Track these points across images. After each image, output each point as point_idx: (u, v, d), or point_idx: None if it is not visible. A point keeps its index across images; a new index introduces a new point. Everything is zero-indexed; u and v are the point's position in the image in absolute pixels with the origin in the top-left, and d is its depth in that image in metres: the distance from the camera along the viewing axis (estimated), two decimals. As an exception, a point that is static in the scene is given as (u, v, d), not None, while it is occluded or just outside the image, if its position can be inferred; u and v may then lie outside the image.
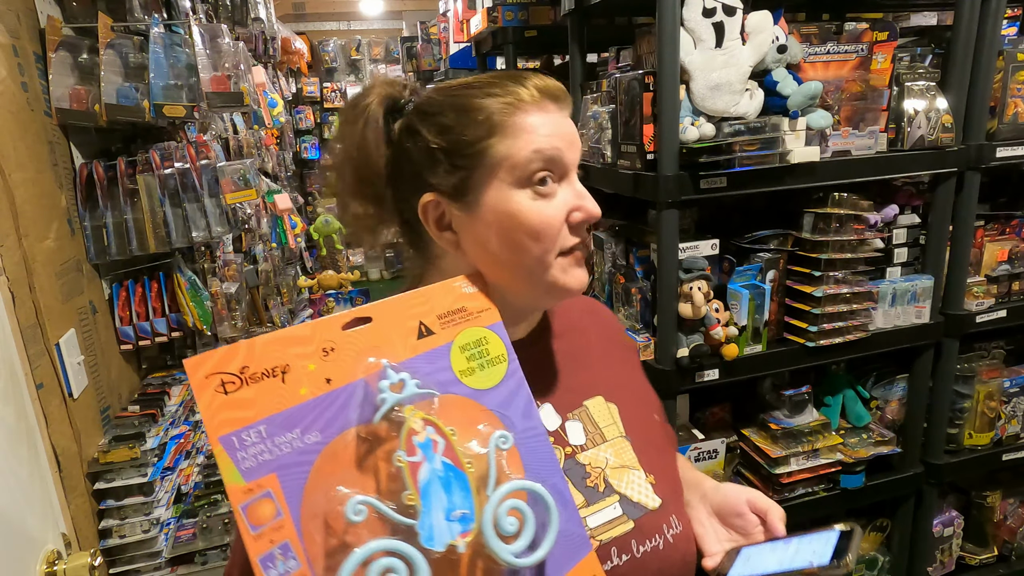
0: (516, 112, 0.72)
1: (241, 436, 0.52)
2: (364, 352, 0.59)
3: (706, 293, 1.47)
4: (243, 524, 0.51)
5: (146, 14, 1.79)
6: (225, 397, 0.53)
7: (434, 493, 0.57)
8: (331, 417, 0.56)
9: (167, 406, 1.73)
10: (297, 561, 0.52)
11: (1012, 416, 1.87)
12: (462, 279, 0.68)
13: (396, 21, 7.30)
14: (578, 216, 0.73)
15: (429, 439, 0.58)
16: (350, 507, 0.52)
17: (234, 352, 0.54)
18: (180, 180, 1.80)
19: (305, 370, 0.56)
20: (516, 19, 2.51)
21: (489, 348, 0.66)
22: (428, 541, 0.55)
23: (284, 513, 0.52)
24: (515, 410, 0.65)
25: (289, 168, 5.49)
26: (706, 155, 1.38)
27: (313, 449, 0.55)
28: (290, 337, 0.57)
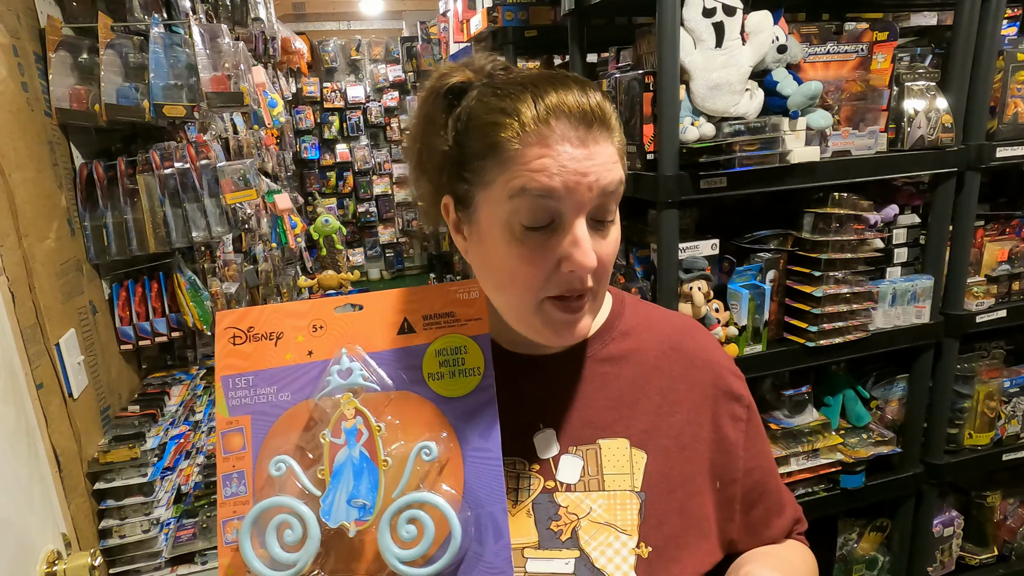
0: (513, 136, 0.63)
1: (236, 380, 0.65)
2: (347, 336, 0.66)
3: (706, 293, 1.47)
4: (219, 447, 0.64)
5: (146, 14, 1.79)
6: (233, 347, 0.66)
7: (344, 476, 0.62)
8: (303, 384, 0.65)
9: (167, 406, 1.73)
10: (246, 488, 0.64)
11: (1012, 416, 1.87)
12: (461, 284, 0.69)
13: (396, 21, 7.30)
14: (565, 267, 0.64)
15: (355, 428, 0.63)
16: (272, 463, 0.61)
17: (247, 313, 0.66)
18: (180, 180, 1.80)
19: (294, 340, 0.66)
20: (516, 19, 2.51)
21: (466, 358, 0.67)
22: (325, 515, 0.61)
23: (247, 448, 0.64)
24: (473, 427, 0.65)
25: (289, 168, 5.49)
26: (706, 155, 1.38)
27: (282, 405, 0.65)
28: (291, 310, 0.67)
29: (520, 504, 0.72)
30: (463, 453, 0.64)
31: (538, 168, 0.62)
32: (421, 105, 0.75)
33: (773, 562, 0.75)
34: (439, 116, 0.72)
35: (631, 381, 0.77)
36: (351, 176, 7.24)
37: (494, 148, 0.64)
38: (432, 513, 0.61)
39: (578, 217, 0.64)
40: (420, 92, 0.76)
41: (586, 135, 0.64)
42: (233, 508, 0.63)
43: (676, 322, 0.83)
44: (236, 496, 0.63)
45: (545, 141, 0.63)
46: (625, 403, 0.76)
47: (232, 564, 0.63)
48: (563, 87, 0.64)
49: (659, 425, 0.75)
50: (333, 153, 7.18)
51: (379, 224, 7.46)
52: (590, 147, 0.64)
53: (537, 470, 0.73)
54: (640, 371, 0.77)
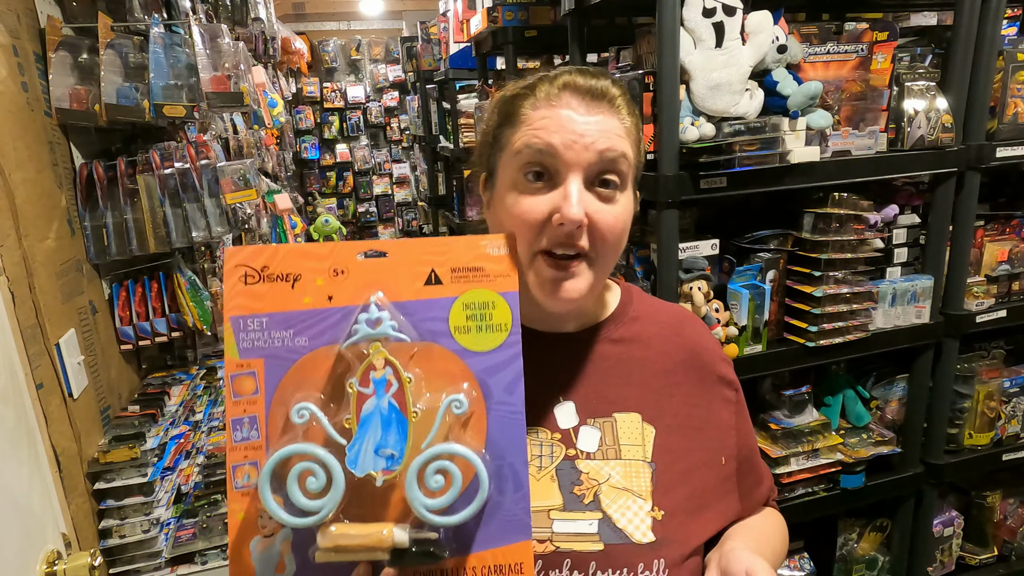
0: (526, 104, 0.73)
1: (247, 321, 0.62)
2: (370, 283, 0.64)
3: (706, 293, 1.47)
4: (228, 390, 0.62)
5: (146, 14, 1.79)
6: (244, 287, 0.63)
7: (371, 426, 0.62)
8: (322, 330, 0.63)
9: (167, 406, 1.73)
10: (258, 434, 0.62)
11: (1012, 416, 1.87)
12: (491, 238, 0.67)
13: (396, 21, 7.30)
14: (555, 219, 0.70)
15: (384, 378, 0.62)
16: (295, 409, 0.60)
17: (261, 251, 0.63)
18: (180, 180, 1.80)
19: (313, 283, 0.63)
20: (516, 19, 2.51)
21: (494, 313, 0.65)
22: (351, 464, 0.61)
23: (260, 392, 0.62)
24: (499, 381, 0.65)
25: (289, 168, 5.49)
26: (706, 155, 1.38)
27: (299, 350, 0.63)
28: (310, 252, 0.64)
29: (544, 470, 0.78)
30: (487, 406, 0.64)
31: (541, 127, 0.71)
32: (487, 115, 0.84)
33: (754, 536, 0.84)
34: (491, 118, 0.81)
35: (640, 362, 0.84)
36: (351, 176, 7.24)
37: (512, 116, 0.74)
38: (460, 464, 0.61)
39: (572, 174, 0.71)
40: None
41: (590, 106, 0.72)
42: (244, 453, 0.62)
43: (676, 312, 0.92)
44: (247, 441, 0.62)
45: (552, 107, 0.72)
46: (635, 381, 0.82)
47: (244, 510, 0.62)
48: (579, 72, 0.74)
49: (664, 404, 0.82)
50: (333, 153, 7.18)
51: (379, 224, 7.46)
52: (593, 116, 0.72)
53: (559, 439, 0.79)
54: (648, 354, 0.84)
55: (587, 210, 0.71)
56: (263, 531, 0.63)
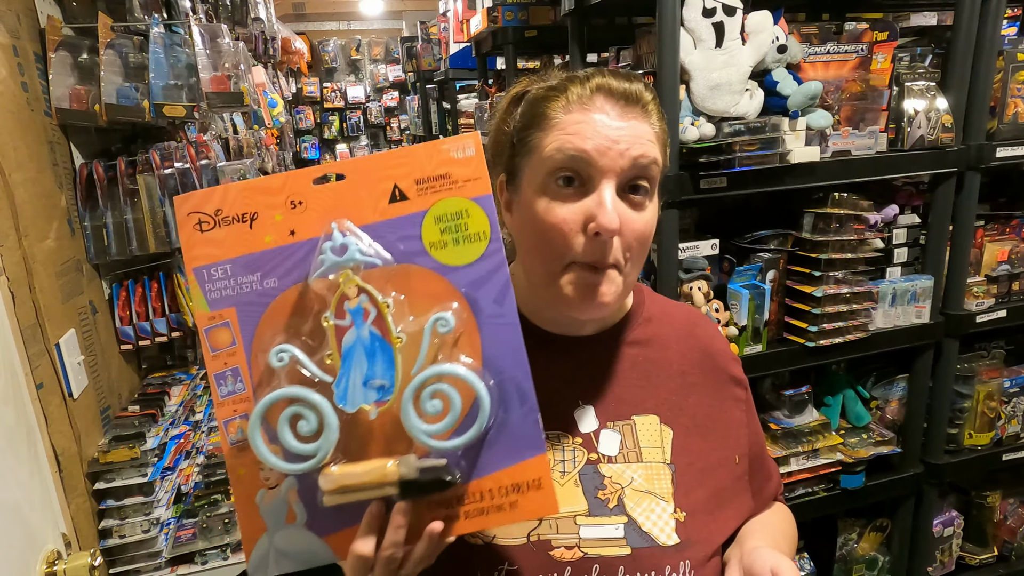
0: (558, 107, 0.71)
1: (210, 270, 0.60)
2: (331, 210, 0.60)
3: (706, 293, 1.47)
4: (204, 345, 0.60)
5: (146, 14, 1.79)
6: (200, 235, 0.60)
7: (356, 359, 0.59)
8: (290, 267, 0.60)
9: (167, 406, 1.73)
10: (243, 385, 0.61)
11: (1012, 416, 1.87)
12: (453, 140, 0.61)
13: (396, 21, 7.30)
14: (591, 227, 0.68)
15: (360, 307, 0.59)
16: (272, 353, 0.58)
17: (211, 194, 0.60)
18: (180, 180, 1.80)
19: (272, 220, 0.60)
20: (516, 19, 2.51)
21: (469, 222, 0.61)
22: (341, 400, 0.58)
23: (238, 343, 0.60)
24: (486, 293, 0.61)
25: (289, 168, 5.49)
26: (706, 155, 1.38)
27: (270, 293, 0.60)
28: (261, 187, 0.60)
29: (568, 475, 0.77)
30: (478, 321, 0.61)
31: (574, 132, 0.69)
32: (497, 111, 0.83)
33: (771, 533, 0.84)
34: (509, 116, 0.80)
35: (656, 363, 0.84)
36: (351, 176, 7.23)
37: (541, 118, 0.72)
38: (456, 384, 0.58)
39: (606, 180, 0.69)
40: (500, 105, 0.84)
41: (623, 111, 0.71)
42: (233, 407, 0.60)
43: (687, 312, 0.92)
44: (234, 394, 0.60)
45: (585, 110, 0.70)
46: (652, 383, 0.82)
47: (242, 464, 0.61)
48: (612, 75, 0.73)
49: (681, 404, 0.82)
50: (333, 153, 7.18)
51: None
52: (626, 121, 0.70)
53: (580, 443, 0.78)
54: (664, 354, 0.84)
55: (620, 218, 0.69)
56: (267, 483, 0.61)
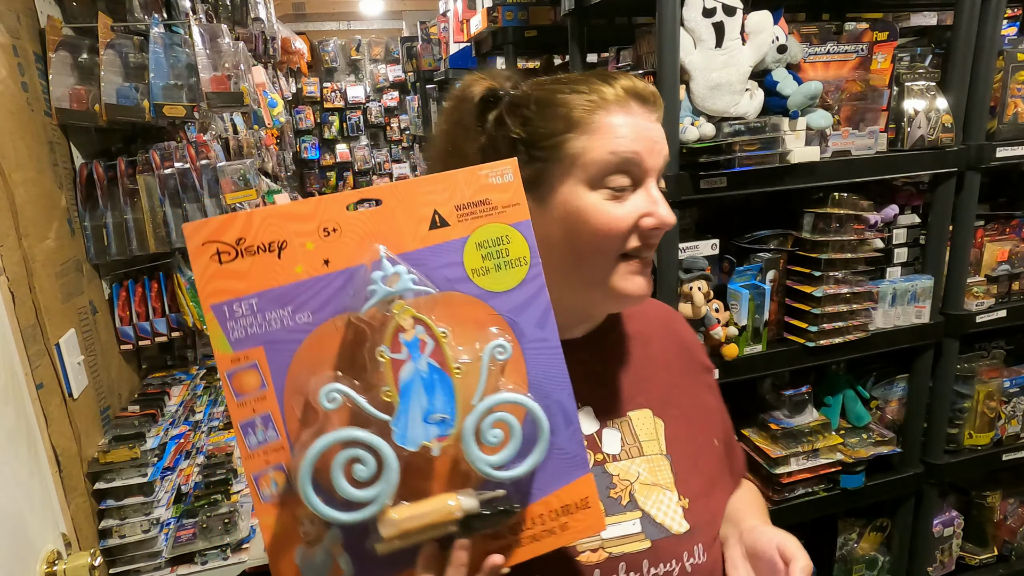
0: (597, 110, 0.72)
1: (232, 307, 0.54)
2: (368, 237, 0.56)
3: (706, 293, 1.47)
4: (228, 391, 0.54)
5: (146, 14, 1.79)
6: (219, 266, 0.53)
7: (414, 393, 0.56)
8: (325, 299, 0.56)
9: (167, 406, 1.73)
10: (276, 433, 0.54)
11: (1012, 416, 1.87)
12: (492, 166, 0.61)
13: (396, 21, 7.30)
14: (649, 222, 0.73)
15: (417, 338, 0.57)
16: (323, 394, 0.53)
17: (231, 221, 0.54)
18: (180, 180, 1.79)
19: (303, 248, 0.55)
20: (516, 19, 2.51)
21: (510, 248, 0.60)
22: (401, 439, 0.55)
23: (268, 386, 0.54)
24: (528, 318, 0.61)
25: (289, 168, 5.49)
26: (706, 155, 1.38)
27: (303, 329, 0.55)
28: (290, 213, 0.55)
29: None
30: (522, 347, 0.61)
31: (624, 135, 0.72)
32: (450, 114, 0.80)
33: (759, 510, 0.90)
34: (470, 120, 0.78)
35: (642, 358, 0.86)
36: (351, 176, 7.24)
37: (578, 123, 0.72)
38: (516, 412, 0.58)
39: (650, 178, 0.74)
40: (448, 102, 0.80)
41: (650, 112, 0.75)
42: (264, 458, 0.54)
43: (661, 307, 0.96)
44: (265, 444, 0.54)
45: (627, 113, 0.73)
46: (641, 378, 0.85)
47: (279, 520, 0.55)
48: (624, 76, 0.75)
49: (668, 396, 0.86)
50: (333, 153, 7.18)
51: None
52: (653, 122, 0.75)
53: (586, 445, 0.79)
54: (647, 350, 0.87)
55: None
56: (306, 538, 0.56)
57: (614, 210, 0.72)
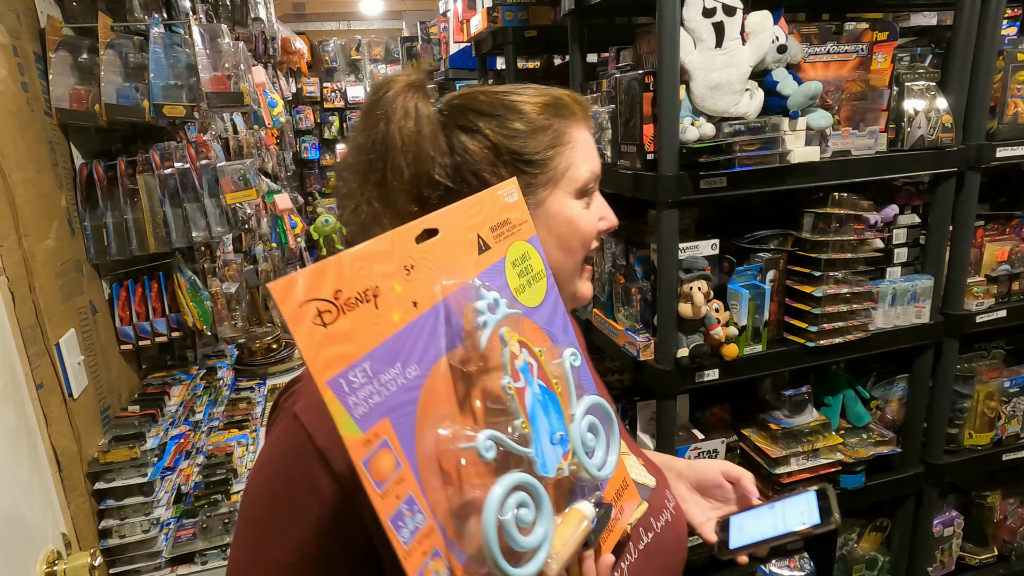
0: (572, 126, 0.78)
1: (348, 377, 0.44)
2: (439, 270, 0.53)
3: (706, 293, 1.47)
4: (368, 483, 0.44)
5: (146, 14, 1.79)
6: (324, 330, 0.44)
7: (539, 418, 0.55)
8: (424, 346, 0.50)
9: (167, 406, 1.73)
10: (423, 515, 0.47)
11: (1012, 416, 1.87)
12: (503, 186, 0.61)
13: (396, 21, 7.30)
14: (604, 225, 0.81)
15: (527, 362, 0.55)
16: (481, 445, 0.48)
17: (323, 272, 0.44)
18: (180, 180, 1.80)
19: (393, 292, 0.49)
20: (516, 19, 2.50)
21: (532, 264, 0.63)
22: (543, 469, 0.53)
23: (403, 463, 0.47)
24: (557, 327, 0.63)
25: (289, 168, 5.49)
26: (706, 155, 1.38)
27: (415, 384, 0.49)
28: (373, 253, 0.48)
29: None
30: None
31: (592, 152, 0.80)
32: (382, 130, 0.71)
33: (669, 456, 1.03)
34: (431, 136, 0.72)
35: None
36: (351, 176, 7.23)
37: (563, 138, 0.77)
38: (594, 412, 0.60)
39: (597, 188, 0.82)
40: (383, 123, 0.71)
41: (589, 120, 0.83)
42: (421, 549, 0.46)
43: None
44: (417, 532, 0.46)
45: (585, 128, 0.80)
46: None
47: None
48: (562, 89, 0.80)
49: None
50: (333, 153, 7.17)
51: (379, 224, 7.45)
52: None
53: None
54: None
55: None
56: None
57: (590, 216, 0.79)
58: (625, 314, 1.68)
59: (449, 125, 0.75)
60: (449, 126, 0.75)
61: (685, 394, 1.70)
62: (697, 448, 1.64)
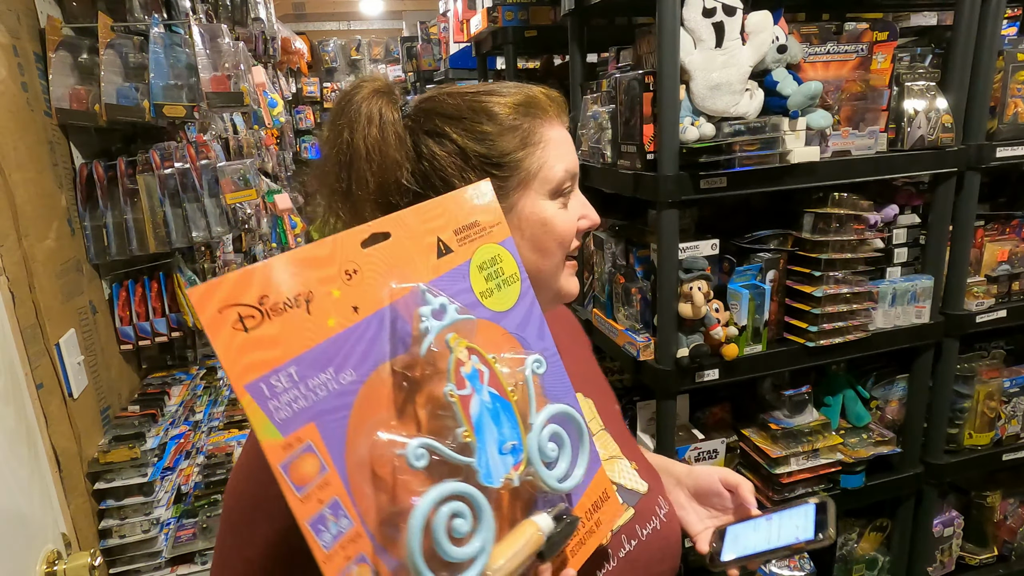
0: (544, 125, 0.76)
1: (270, 382, 0.44)
2: (387, 274, 0.52)
3: (706, 293, 1.47)
4: (287, 486, 0.44)
5: (146, 14, 1.79)
6: (246, 335, 0.44)
7: (486, 427, 0.53)
8: (364, 351, 0.49)
9: (167, 406, 1.73)
10: (349, 519, 0.47)
11: (1012, 416, 1.87)
12: (471, 188, 0.60)
13: (396, 21, 7.30)
14: (584, 224, 0.79)
15: (475, 369, 0.54)
16: (411, 452, 0.47)
17: (247, 278, 0.44)
18: (180, 180, 1.80)
19: (330, 297, 0.48)
20: (516, 19, 2.50)
21: (503, 267, 0.61)
22: (487, 479, 0.51)
23: (329, 467, 0.46)
24: (531, 331, 0.62)
25: (289, 168, 5.49)
26: (706, 155, 1.38)
27: (350, 390, 0.48)
28: (309, 258, 0.48)
29: None
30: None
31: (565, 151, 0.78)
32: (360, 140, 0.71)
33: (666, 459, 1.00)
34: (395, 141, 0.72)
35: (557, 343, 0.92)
36: (351, 176, 7.24)
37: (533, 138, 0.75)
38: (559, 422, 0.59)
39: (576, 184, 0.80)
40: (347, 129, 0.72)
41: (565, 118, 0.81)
42: (344, 554, 0.46)
43: None
44: (341, 536, 0.46)
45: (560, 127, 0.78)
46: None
47: None
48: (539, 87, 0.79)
49: (583, 374, 0.92)
50: (333, 153, 7.17)
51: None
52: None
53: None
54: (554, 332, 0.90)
55: None
56: None
57: (567, 216, 0.78)
58: (625, 314, 1.68)
59: (416, 130, 0.74)
60: (416, 131, 0.74)
61: (685, 394, 1.70)
62: (697, 448, 1.64)
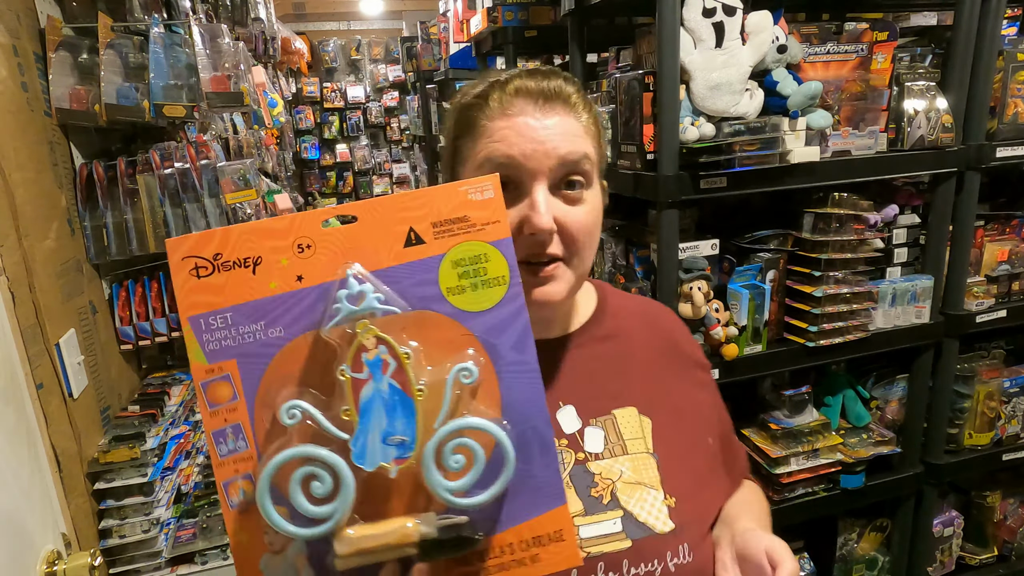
0: (481, 114, 0.72)
1: (208, 320, 0.56)
2: (342, 253, 0.57)
3: (706, 293, 1.47)
4: (202, 400, 0.56)
5: (146, 14, 1.79)
6: (197, 281, 0.56)
7: (374, 414, 0.56)
8: (297, 315, 0.57)
9: (167, 406, 1.73)
10: (246, 443, 0.56)
11: (1012, 416, 1.87)
12: (473, 182, 0.59)
13: (396, 21, 7.30)
14: (526, 229, 0.70)
15: (379, 358, 0.56)
16: (283, 410, 0.54)
17: (209, 238, 0.56)
18: (180, 180, 1.80)
19: (277, 264, 0.57)
20: (516, 19, 2.51)
21: (488, 267, 0.59)
22: (359, 459, 0.55)
23: (239, 397, 0.56)
24: (505, 340, 0.59)
25: (289, 168, 5.49)
26: (706, 155, 1.38)
27: (275, 343, 0.57)
28: (266, 229, 0.56)
29: None
30: (497, 369, 0.59)
31: (500, 139, 0.70)
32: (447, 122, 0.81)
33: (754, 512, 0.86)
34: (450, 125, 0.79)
35: (625, 356, 0.85)
36: (351, 176, 7.24)
37: (469, 127, 0.73)
38: (479, 438, 0.56)
39: (536, 183, 0.70)
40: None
41: (546, 109, 0.72)
42: (234, 467, 0.56)
43: (647, 303, 0.96)
44: (235, 453, 0.56)
45: (507, 115, 0.71)
46: (626, 376, 0.84)
47: (244, 529, 0.57)
48: (529, 75, 0.73)
49: (655, 393, 0.84)
50: (333, 153, 7.18)
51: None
52: (549, 119, 0.71)
53: (567, 444, 0.79)
54: (630, 347, 0.86)
55: (555, 215, 0.71)
56: (271, 547, 0.57)
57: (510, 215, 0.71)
58: (625, 314, 1.68)
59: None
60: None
61: (685, 394, 1.70)
62: (697, 448, 1.64)
